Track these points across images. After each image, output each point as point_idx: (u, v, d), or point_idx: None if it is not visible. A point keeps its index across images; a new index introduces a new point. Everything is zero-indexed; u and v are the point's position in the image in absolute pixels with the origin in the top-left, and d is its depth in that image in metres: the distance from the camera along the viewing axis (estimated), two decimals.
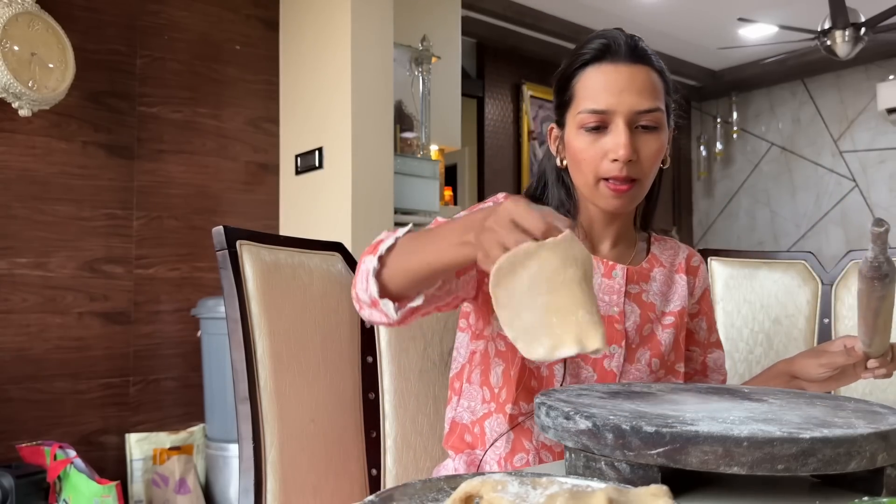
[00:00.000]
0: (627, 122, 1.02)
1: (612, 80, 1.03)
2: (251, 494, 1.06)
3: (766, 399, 0.81)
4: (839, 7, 3.48)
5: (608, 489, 0.52)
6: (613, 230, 1.14)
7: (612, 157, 1.02)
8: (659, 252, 1.19)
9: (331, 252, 1.26)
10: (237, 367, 1.08)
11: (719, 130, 5.83)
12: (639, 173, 1.04)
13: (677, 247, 1.23)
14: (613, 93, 1.02)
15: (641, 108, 1.02)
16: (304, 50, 3.15)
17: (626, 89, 1.02)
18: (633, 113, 1.02)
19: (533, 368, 1.04)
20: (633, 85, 1.03)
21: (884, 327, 0.97)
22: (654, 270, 1.16)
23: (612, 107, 1.02)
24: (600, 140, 1.03)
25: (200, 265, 3.03)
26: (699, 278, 1.22)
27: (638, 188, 1.06)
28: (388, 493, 0.59)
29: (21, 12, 2.46)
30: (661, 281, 1.15)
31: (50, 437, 2.62)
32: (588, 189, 1.07)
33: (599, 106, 1.03)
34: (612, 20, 4.44)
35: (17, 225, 2.63)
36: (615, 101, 1.02)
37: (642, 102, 1.02)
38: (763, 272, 1.64)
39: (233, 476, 2.75)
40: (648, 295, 1.13)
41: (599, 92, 1.03)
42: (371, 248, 0.94)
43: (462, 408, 1.11)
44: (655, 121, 1.04)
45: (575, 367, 1.07)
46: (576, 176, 1.09)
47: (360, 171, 2.89)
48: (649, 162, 1.05)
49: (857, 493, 0.67)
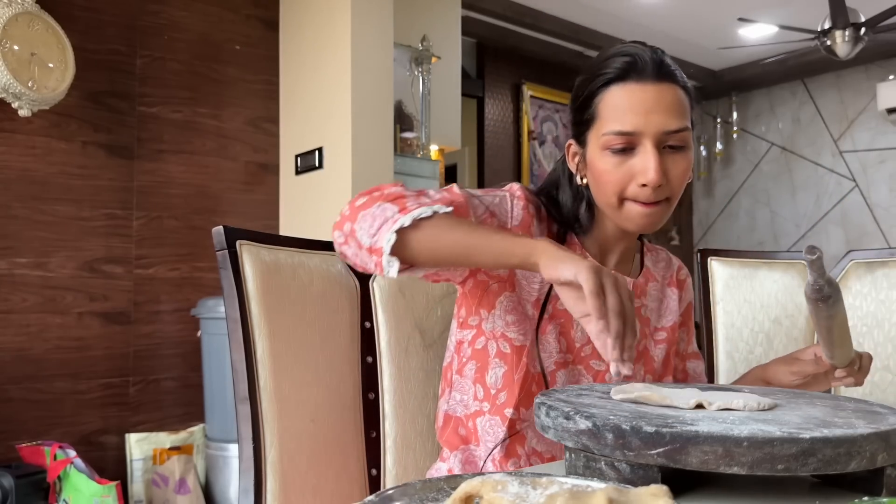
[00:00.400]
0: (655, 143, 0.98)
1: (638, 101, 0.99)
2: (251, 494, 1.06)
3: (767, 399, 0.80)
4: (839, 7, 3.48)
5: (608, 489, 0.51)
6: (624, 245, 1.12)
7: (641, 182, 0.98)
8: (652, 265, 1.18)
9: (331, 252, 1.26)
10: (237, 367, 1.08)
11: (719, 130, 5.83)
12: (668, 193, 1.01)
13: (668, 259, 1.22)
14: (640, 113, 0.98)
15: (670, 129, 0.98)
16: (304, 50, 3.15)
17: (653, 110, 0.98)
18: (661, 134, 0.98)
19: (535, 374, 1.03)
20: (660, 105, 0.99)
21: (841, 341, 1.00)
22: (649, 284, 1.15)
23: (640, 128, 0.98)
24: (627, 162, 0.99)
25: (200, 265, 3.03)
26: (685, 291, 1.22)
27: (667, 206, 1.03)
28: (388, 493, 0.59)
29: (21, 12, 2.46)
30: (655, 296, 1.15)
31: (50, 437, 2.62)
32: (611, 209, 1.03)
33: (626, 128, 0.98)
34: (611, 20, 4.44)
35: (17, 225, 2.63)
36: (643, 123, 0.98)
37: (671, 123, 0.98)
38: (763, 272, 1.64)
39: (233, 476, 2.75)
40: (645, 310, 1.12)
41: (625, 113, 0.99)
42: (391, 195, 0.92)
43: (455, 401, 1.10)
44: (683, 140, 1.00)
45: (579, 375, 1.07)
46: (598, 196, 1.05)
47: (360, 171, 2.89)
48: (678, 182, 1.02)
49: (857, 493, 0.67)
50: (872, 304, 1.52)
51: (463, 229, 0.89)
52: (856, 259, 1.56)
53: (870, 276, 1.54)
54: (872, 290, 1.52)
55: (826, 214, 5.30)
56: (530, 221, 1.05)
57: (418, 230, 0.88)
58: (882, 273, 1.52)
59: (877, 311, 1.52)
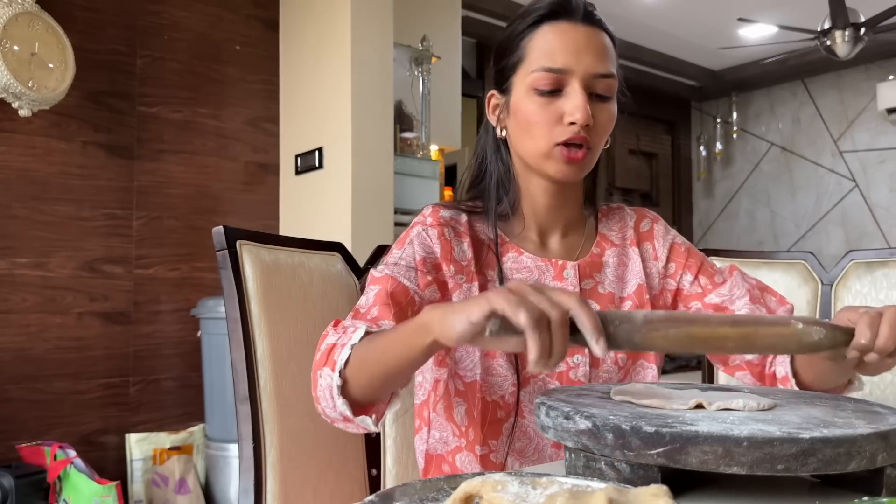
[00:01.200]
0: (584, 84, 0.96)
1: (570, 39, 0.97)
2: (251, 494, 1.06)
3: (766, 399, 0.80)
4: (839, 7, 3.48)
5: (608, 489, 0.51)
6: (561, 217, 1.07)
7: (570, 121, 0.95)
8: (607, 230, 1.11)
9: (331, 252, 1.26)
10: (237, 367, 1.08)
11: (719, 130, 5.83)
12: (594, 140, 0.98)
13: (625, 216, 1.14)
14: (571, 52, 0.96)
15: (599, 72, 0.97)
16: (304, 50, 3.15)
17: (584, 50, 0.96)
18: (590, 76, 0.96)
19: (497, 399, 0.99)
20: (590, 46, 0.97)
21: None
22: (606, 254, 1.08)
23: (570, 66, 0.95)
24: (555, 102, 0.96)
25: (200, 265, 3.03)
26: (656, 240, 1.12)
27: (590, 157, 0.99)
28: (387, 493, 0.59)
29: (21, 12, 2.46)
30: (615, 264, 1.08)
31: (50, 437, 2.62)
32: (538, 156, 0.99)
33: (556, 64, 0.95)
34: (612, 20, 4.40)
35: (17, 225, 2.63)
36: (573, 61, 0.95)
37: (599, 66, 0.97)
38: (763, 272, 1.64)
39: (233, 476, 2.75)
40: (604, 286, 1.06)
41: (556, 50, 0.96)
42: (323, 355, 0.86)
43: (434, 439, 1.05)
44: (610, 89, 0.99)
45: (544, 385, 1.01)
46: (524, 143, 1.01)
47: (360, 171, 2.89)
48: (603, 130, 0.99)
49: (857, 493, 0.67)
50: (872, 304, 1.52)
51: (379, 340, 0.84)
52: (856, 259, 1.56)
53: (870, 276, 1.54)
54: (872, 290, 1.52)
55: (826, 214, 5.30)
56: (449, 248, 1.01)
57: (351, 381, 0.84)
58: (882, 273, 1.52)
59: None
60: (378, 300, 0.94)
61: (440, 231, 1.01)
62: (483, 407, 0.99)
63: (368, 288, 0.97)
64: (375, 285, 0.96)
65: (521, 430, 1.00)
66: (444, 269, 1.00)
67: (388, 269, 0.98)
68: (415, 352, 0.80)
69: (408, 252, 0.99)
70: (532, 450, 1.01)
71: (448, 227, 1.02)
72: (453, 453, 1.03)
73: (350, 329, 0.88)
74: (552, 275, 1.04)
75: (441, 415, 1.04)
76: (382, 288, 0.95)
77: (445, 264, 1.00)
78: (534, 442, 1.01)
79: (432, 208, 1.04)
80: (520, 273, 1.03)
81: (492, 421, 1.00)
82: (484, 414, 0.99)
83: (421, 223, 1.02)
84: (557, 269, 1.04)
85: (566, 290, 0.73)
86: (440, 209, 1.04)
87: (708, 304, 1.08)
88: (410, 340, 0.79)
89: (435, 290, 0.99)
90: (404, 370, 0.84)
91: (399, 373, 0.84)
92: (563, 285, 1.03)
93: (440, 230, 1.01)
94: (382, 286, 0.95)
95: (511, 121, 1.02)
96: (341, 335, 0.88)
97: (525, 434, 1.01)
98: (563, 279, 1.04)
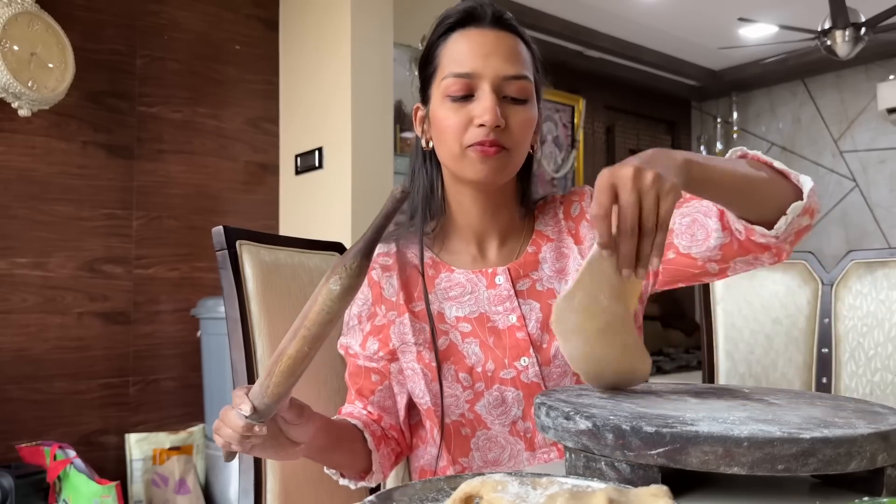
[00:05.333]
0: (494, 87, 0.96)
1: (477, 44, 0.98)
2: (251, 494, 1.06)
3: (767, 399, 0.80)
4: (839, 7, 3.48)
5: (608, 489, 0.51)
6: (497, 224, 1.06)
7: (479, 123, 0.96)
8: (543, 225, 1.09)
9: (331, 252, 1.26)
10: (237, 367, 1.08)
11: (719, 130, 5.83)
12: (508, 142, 0.97)
13: (556, 207, 1.11)
14: (479, 56, 0.97)
15: (508, 74, 0.97)
16: (304, 50, 3.15)
17: (492, 53, 0.97)
18: (499, 78, 0.97)
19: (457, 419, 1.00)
20: (498, 50, 0.98)
21: None
22: (543, 250, 1.06)
23: (478, 70, 0.96)
24: (466, 107, 0.97)
25: (200, 265, 3.03)
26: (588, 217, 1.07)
27: (507, 157, 0.98)
28: (387, 493, 0.59)
29: (21, 12, 2.46)
30: (553, 258, 1.06)
31: (50, 437, 2.62)
32: (454, 160, 0.99)
33: (464, 69, 0.97)
34: (612, 20, 4.44)
35: (17, 225, 2.63)
36: (481, 65, 0.97)
37: (508, 68, 0.97)
38: (763, 272, 1.64)
39: (233, 476, 2.75)
40: (542, 282, 1.04)
41: (465, 56, 0.98)
42: None
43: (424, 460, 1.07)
44: (523, 91, 0.98)
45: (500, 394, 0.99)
46: (441, 149, 1.01)
47: (360, 171, 2.89)
48: (519, 130, 0.98)
49: (857, 493, 0.67)
50: (872, 304, 1.52)
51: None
52: (856, 259, 1.56)
53: (870, 276, 1.54)
54: (872, 290, 1.52)
55: (826, 214, 5.30)
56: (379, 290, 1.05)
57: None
58: (882, 273, 1.52)
59: (877, 311, 1.52)
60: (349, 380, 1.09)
61: (369, 276, 1.04)
62: (445, 431, 1.01)
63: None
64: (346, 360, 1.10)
65: (489, 440, 1.00)
66: (379, 313, 1.05)
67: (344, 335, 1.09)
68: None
69: (352, 311, 1.07)
70: (507, 457, 1.01)
71: (377, 268, 1.06)
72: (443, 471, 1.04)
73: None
74: (485, 284, 1.04)
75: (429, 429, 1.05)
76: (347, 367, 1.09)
77: (378, 306, 1.05)
78: (506, 449, 1.01)
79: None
80: (453, 290, 1.04)
81: (458, 440, 1.01)
82: (449, 435, 1.01)
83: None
84: (489, 278, 1.04)
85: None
86: None
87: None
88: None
89: (373, 340, 1.05)
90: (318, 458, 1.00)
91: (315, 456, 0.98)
92: (496, 292, 1.03)
93: (369, 275, 1.04)
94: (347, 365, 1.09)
95: (432, 129, 1.03)
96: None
97: (496, 444, 1.00)
98: (496, 286, 1.03)
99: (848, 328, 1.54)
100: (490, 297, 1.03)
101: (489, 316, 1.02)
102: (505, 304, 1.02)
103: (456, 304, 1.03)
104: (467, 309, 1.03)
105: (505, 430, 1.00)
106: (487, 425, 1.00)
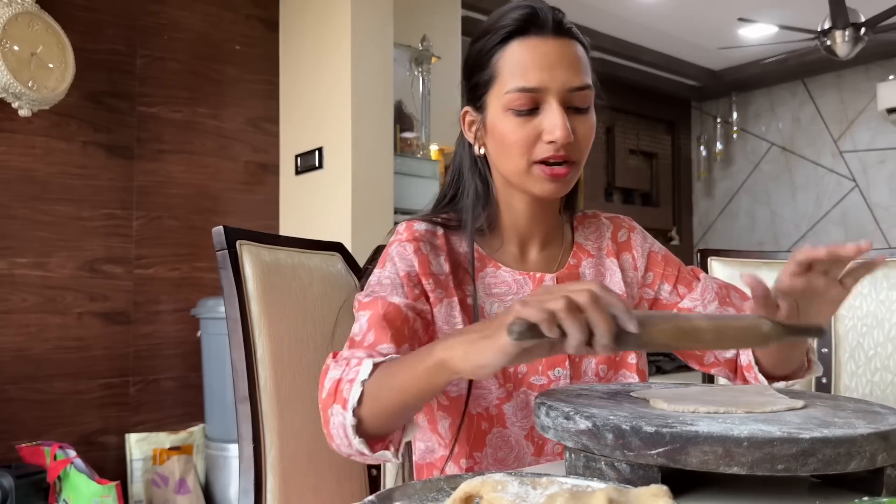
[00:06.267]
0: (560, 100, 0.93)
1: (541, 56, 0.94)
2: (251, 494, 1.06)
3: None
4: (839, 7, 3.48)
5: (608, 489, 0.51)
6: (542, 228, 1.06)
7: (549, 139, 0.93)
8: (584, 239, 1.10)
9: (331, 252, 1.26)
10: (237, 367, 1.08)
11: (719, 130, 5.83)
12: (575, 154, 0.96)
13: (601, 226, 1.12)
14: (544, 69, 0.93)
15: (574, 85, 0.94)
16: (304, 50, 3.15)
17: (557, 65, 0.94)
18: (565, 91, 0.94)
19: (481, 411, 0.98)
20: (564, 61, 0.94)
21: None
22: (583, 265, 1.07)
23: (545, 84, 0.93)
24: (532, 121, 0.94)
25: (200, 265, 3.03)
26: (634, 249, 1.11)
27: (574, 171, 0.97)
28: (387, 493, 0.59)
29: (21, 12, 2.46)
30: (591, 275, 1.07)
31: (50, 437, 2.62)
32: (518, 175, 0.97)
33: (530, 84, 0.93)
34: (612, 20, 4.44)
35: (17, 225, 2.63)
36: (547, 79, 0.93)
37: (575, 79, 0.94)
38: (763, 272, 1.64)
39: (233, 476, 2.75)
40: None
41: (528, 68, 0.93)
42: (330, 393, 0.85)
43: (421, 450, 1.05)
44: (587, 100, 0.96)
45: (525, 397, 0.99)
46: (502, 162, 0.99)
47: (360, 171, 2.89)
48: (584, 141, 0.97)
49: (857, 493, 0.67)
50: (872, 304, 1.52)
51: (392, 372, 0.82)
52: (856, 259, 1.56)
53: (870, 276, 1.53)
54: (872, 290, 1.52)
55: (826, 214, 5.30)
56: (427, 262, 0.99)
57: (366, 418, 0.83)
58: (882, 273, 1.52)
59: (877, 311, 1.52)
60: (372, 325, 0.92)
61: (416, 246, 0.99)
62: (468, 420, 0.98)
63: (359, 315, 0.96)
64: (365, 310, 0.95)
65: (502, 439, 1.00)
66: (425, 283, 0.99)
67: (373, 291, 0.97)
68: (434, 388, 0.80)
69: (390, 270, 0.98)
70: (513, 458, 1.00)
71: (424, 242, 1.01)
72: (440, 462, 1.02)
73: (354, 362, 0.87)
74: (531, 288, 1.03)
75: (425, 427, 1.04)
76: (374, 312, 0.93)
77: (425, 278, 0.99)
78: (514, 450, 1.00)
79: (406, 224, 1.02)
80: (498, 288, 1.02)
81: (476, 433, 0.99)
82: (469, 427, 0.98)
83: (397, 241, 1.01)
84: (536, 282, 1.03)
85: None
86: (415, 224, 1.02)
87: (682, 309, 1.10)
88: (429, 378, 0.79)
89: (424, 301, 0.98)
90: (421, 405, 0.86)
91: (417, 407, 0.86)
92: None
93: (416, 245, 0.99)
94: (373, 310, 0.94)
95: (489, 139, 1.00)
96: (345, 369, 0.86)
97: (507, 443, 1.00)
98: None
99: (848, 328, 1.54)
100: None
101: None
102: None
103: (499, 301, 1.02)
104: None
105: (521, 434, 1.00)
106: (507, 425, 0.99)
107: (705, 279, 1.12)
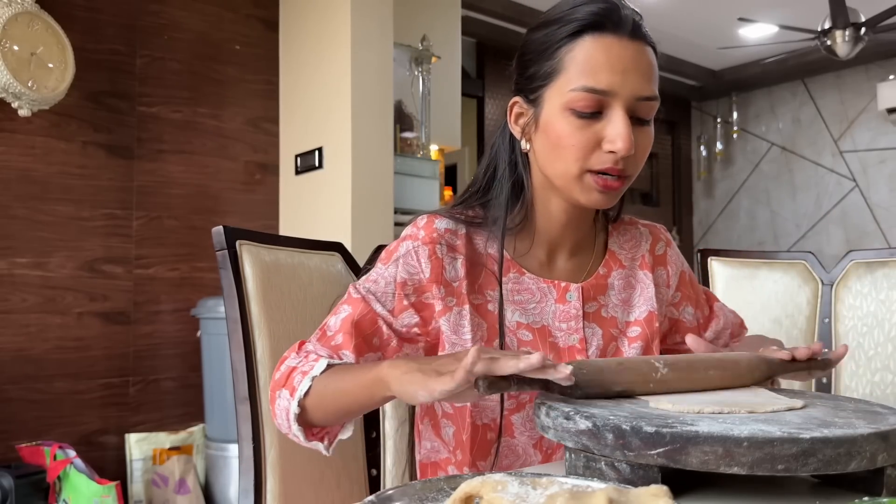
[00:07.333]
0: (627, 109, 0.87)
1: (616, 58, 0.87)
2: (251, 494, 1.06)
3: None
4: (839, 7, 3.48)
5: (608, 489, 0.51)
6: (575, 235, 1.00)
7: (610, 149, 0.87)
8: (618, 247, 1.04)
9: (331, 252, 1.26)
10: (237, 367, 1.08)
11: (719, 130, 5.83)
12: (632, 168, 0.90)
13: (639, 235, 1.06)
14: (617, 72, 0.87)
15: (644, 95, 0.88)
16: (304, 50, 3.15)
17: (630, 70, 0.87)
18: (633, 98, 0.88)
19: (488, 422, 0.95)
20: (638, 67, 0.88)
21: None
22: (612, 275, 1.02)
23: (615, 88, 0.87)
24: (593, 126, 0.88)
25: (200, 265, 3.03)
26: (670, 265, 1.06)
27: (626, 185, 0.92)
28: (387, 493, 0.59)
29: (21, 12, 2.46)
30: (620, 287, 1.01)
31: (50, 437, 2.62)
32: (567, 180, 0.91)
33: (600, 85, 0.86)
34: None
35: (17, 225, 2.63)
36: (618, 83, 0.87)
37: (645, 88, 0.88)
38: (763, 272, 1.64)
39: (233, 476, 2.75)
40: (608, 309, 1.00)
41: (600, 69, 0.87)
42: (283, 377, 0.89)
43: (426, 449, 1.03)
44: (652, 111, 0.91)
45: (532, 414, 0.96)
46: (551, 163, 0.92)
47: (360, 171, 2.89)
48: (642, 154, 0.91)
49: (857, 493, 0.67)
50: (872, 304, 1.52)
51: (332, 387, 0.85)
52: (856, 259, 1.56)
53: (870, 276, 1.54)
54: (872, 290, 1.52)
55: (826, 214, 5.30)
56: (440, 268, 0.94)
57: (309, 410, 0.87)
58: (882, 273, 1.52)
59: (877, 311, 1.52)
60: (343, 327, 0.92)
61: (432, 249, 0.94)
62: (473, 430, 0.95)
63: (341, 307, 0.95)
64: (347, 306, 0.94)
65: (509, 448, 0.98)
66: (432, 291, 0.94)
67: (365, 288, 0.95)
68: (373, 400, 0.83)
69: (390, 272, 0.95)
70: (518, 466, 0.99)
71: (441, 244, 0.95)
72: (445, 463, 1.01)
73: (312, 357, 0.89)
74: (555, 297, 0.98)
75: (429, 429, 1.02)
76: (350, 314, 0.93)
77: (436, 286, 0.94)
78: (521, 458, 0.98)
79: (427, 220, 0.97)
80: (520, 294, 0.97)
81: (481, 443, 0.96)
82: (473, 437, 0.96)
83: (412, 238, 0.96)
84: (560, 292, 0.98)
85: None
86: (436, 221, 0.96)
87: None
88: (370, 389, 0.81)
89: (412, 314, 0.94)
90: (361, 411, 0.88)
91: (356, 412, 0.88)
92: (565, 308, 0.98)
93: (432, 248, 0.94)
94: (352, 311, 0.93)
95: (539, 136, 0.93)
96: (303, 360, 0.90)
97: (513, 451, 0.98)
98: (567, 302, 0.98)
99: (848, 328, 1.54)
100: (557, 311, 0.97)
101: (551, 331, 0.97)
102: (570, 322, 0.97)
103: (520, 309, 0.97)
104: (531, 318, 0.97)
105: (529, 443, 0.97)
106: (514, 434, 0.97)
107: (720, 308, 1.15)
